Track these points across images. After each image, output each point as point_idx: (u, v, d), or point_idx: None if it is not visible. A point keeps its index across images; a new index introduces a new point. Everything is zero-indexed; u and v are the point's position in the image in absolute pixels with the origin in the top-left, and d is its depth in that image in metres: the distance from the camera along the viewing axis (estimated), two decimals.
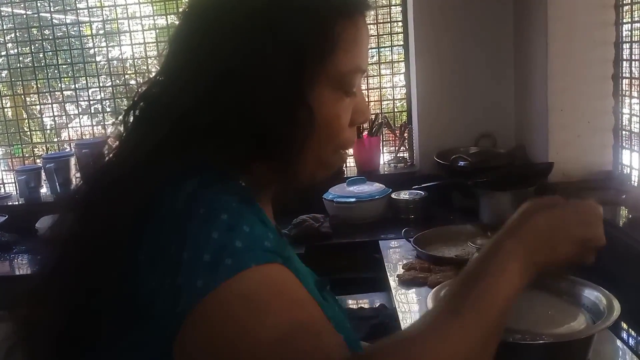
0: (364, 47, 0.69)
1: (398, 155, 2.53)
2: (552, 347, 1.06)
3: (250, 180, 0.65)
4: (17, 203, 2.51)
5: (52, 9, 2.68)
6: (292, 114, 0.63)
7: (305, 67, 0.64)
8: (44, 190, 2.51)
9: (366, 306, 1.77)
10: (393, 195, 2.18)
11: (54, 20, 2.69)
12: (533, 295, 1.26)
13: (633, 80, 1.87)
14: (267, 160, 0.66)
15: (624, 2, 1.87)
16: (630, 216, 1.59)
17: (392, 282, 1.61)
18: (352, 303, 1.83)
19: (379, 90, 2.60)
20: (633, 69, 1.86)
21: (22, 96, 2.77)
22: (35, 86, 2.73)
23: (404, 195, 2.18)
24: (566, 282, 1.26)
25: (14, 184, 2.62)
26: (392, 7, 2.51)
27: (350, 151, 2.54)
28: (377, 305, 1.69)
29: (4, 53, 2.70)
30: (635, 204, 1.59)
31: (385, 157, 2.59)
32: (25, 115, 2.83)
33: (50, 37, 2.66)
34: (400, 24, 2.50)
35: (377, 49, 2.56)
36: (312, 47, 0.64)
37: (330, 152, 0.69)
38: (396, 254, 1.82)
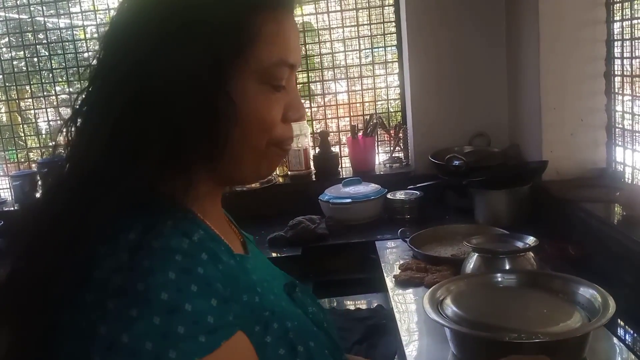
0: (289, 40, 0.68)
1: (393, 155, 2.54)
2: (547, 346, 1.07)
3: (190, 192, 0.64)
4: (12, 209, 2.51)
5: (45, 13, 2.68)
6: (212, 107, 0.62)
7: (222, 59, 0.63)
8: (39, 195, 2.50)
9: (363, 307, 1.78)
10: (389, 196, 2.19)
11: (47, 25, 2.69)
12: (528, 294, 1.27)
13: (625, 78, 1.88)
14: (199, 160, 0.64)
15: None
16: (624, 214, 1.60)
17: (389, 282, 1.61)
18: (349, 304, 1.84)
19: (373, 90, 2.61)
20: (625, 66, 1.88)
21: (17, 101, 2.76)
22: (29, 90, 2.73)
23: (400, 195, 2.18)
24: (561, 280, 1.27)
25: (9, 189, 2.61)
26: (385, 8, 2.52)
27: (345, 151, 2.55)
28: (373, 306, 1.69)
29: None
30: (628, 201, 1.60)
31: (380, 158, 2.60)
32: (20, 120, 2.83)
33: (44, 42, 2.66)
34: (393, 24, 2.51)
35: (370, 49, 2.57)
36: (227, 39, 0.63)
37: (263, 147, 0.68)
38: (392, 255, 1.82)
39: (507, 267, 1.41)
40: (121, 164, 0.60)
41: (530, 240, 1.47)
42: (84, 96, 0.66)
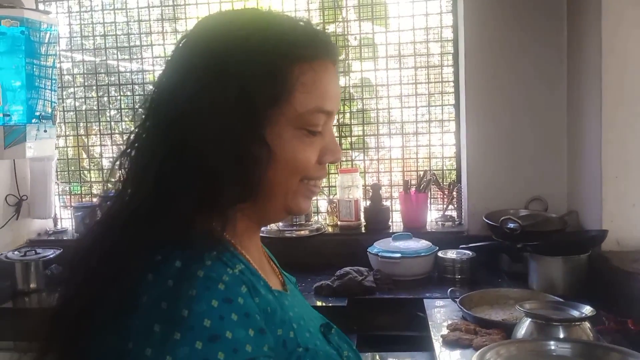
0: (327, 89, 0.72)
1: (446, 213, 2.51)
2: None
3: (229, 229, 0.68)
4: (72, 238, 2.61)
5: (119, 57, 2.84)
6: (248, 152, 0.66)
7: (258, 108, 0.67)
8: (90, 228, 2.59)
9: None
10: (440, 254, 2.16)
11: (120, 68, 2.84)
12: None
13: None
14: (234, 201, 0.68)
15: None
16: None
17: (436, 342, 1.57)
18: None
19: (428, 147, 2.61)
20: None
21: (84, 137, 2.90)
22: (97, 129, 2.86)
23: (451, 254, 2.15)
24: (618, 354, 1.22)
25: (70, 220, 2.72)
26: (444, 68, 2.56)
27: (397, 206, 2.54)
28: None
29: (72, 96, 2.86)
30: None
31: (432, 215, 2.57)
32: (85, 155, 2.96)
33: (116, 83, 2.81)
34: (451, 83, 2.53)
35: (427, 107, 2.60)
36: (263, 89, 0.67)
37: (297, 184, 0.72)
38: (441, 314, 1.78)
39: (561, 335, 1.36)
40: (163, 203, 0.64)
41: (587, 309, 1.42)
42: (132, 138, 0.72)
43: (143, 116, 0.72)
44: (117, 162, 0.71)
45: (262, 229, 0.85)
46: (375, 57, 2.64)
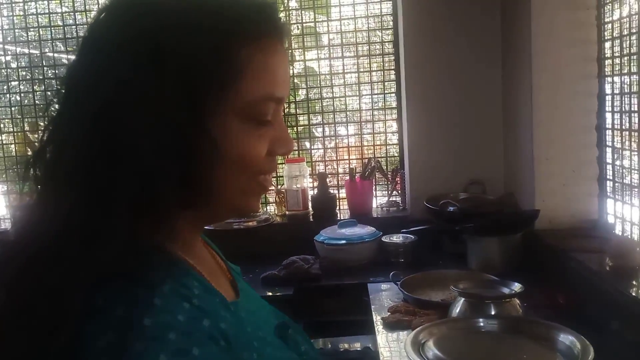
0: (277, 74, 0.63)
1: (390, 199, 2.57)
2: None
3: (176, 240, 0.60)
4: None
5: (57, 49, 2.78)
6: (190, 148, 0.57)
7: (202, 95, 0.57)
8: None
9: (352, 349, 1.78)
10: (383, 239, 2.21)
11: (64, 60, 2.78)
12: (510, 340, 1.28)
13: (615, 131, 1.93)
14: (179, 205, 0.59)
15: (606, 55, 1.95)
16: (613, 265, 1.62)
17: (378, 324, 1.63)
18: (339, 345, 1.84)
19: (372, 135, 2.67)
20: (615, 119, 1.92)
21: (29, 133, 2.84)
22: (41, 124, 2.81)
23: (394, 238, 2.21)
24: (543, 326, 1.29)
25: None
26: (386, 56, 2.60)
27: (343, 194, 2.59)
28: (362, 348, 1.70)
29: (12, 90, 2.79)
30: (616, 252, 1.62)
31: (378, 201, 2.63)
32: (29, 152, 2.90)
33: (61, 76, 2.75)
34: (393, 71, 2.58)
35: (370, 95, 2.65)
36: (208, 73, 0.57)
37: (246, 181, 0.63)
38: (384, 297, 1.84)
39: (493, 312, 1.42)
40: (94, 219, 0.53)
41: (517, 286, 1.49)
42: (47, 137, 0.60)
43: (59, 109, 0.59)
44: (31, 168, 0.59)
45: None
46: (318, 46, 2.67)
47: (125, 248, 0.53)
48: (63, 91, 0.60)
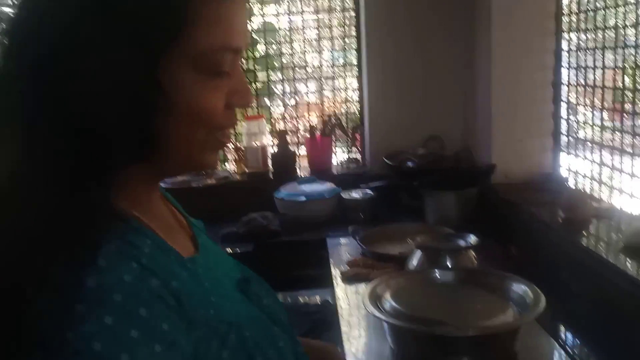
0: (233, 22, 0.59)
1: (350, 156, 2.57)
2: (479, 339, 1.11)
3: (127, 195, 0.58)
4: None
5: (4, 3, 2.63)
6: (141, 100, 0.54)
7: (153, 45, 0.54)
8: None
9: (311, 302, 1.80)
10: (343, 195, 2.22)
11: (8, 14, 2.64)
12: (464, 290, 1.31)
13: (571, 87, 1.96)
14: (130, 160, 0.57)
15: (564, 12, 1.96)
16: (564, 217, 1.66)
17: (336, 278, 1.64)
18: (299, 299, 1.86)
19: (333, 92, 2.64)
20: (570, 76, 1.95)
21: None
22: None
23: (353, 194, 2.22)
24: (496, 277, 1.32)
25: None
26: (346, 12, 2.56)
27: (302, 151, 2.58)
28: (321, 301, 1.72)
29: None
30: (568, 205, 1.67)
31: (338, 158, 2.63)
32: None
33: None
34: (354, 27, 2.54)
35: (331, 52, 2.61)
36: (156, 22, 0.54)
37: (202, 137, 0.61)
38: (343, 252, 1.85)
39: (449, 264, 1.45)
40: (35, 180, 0.51)
41: (472, 239, 1.52)
42: None
43: (1, 62, 0.55)
44: None
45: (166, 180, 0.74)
46: (277, 0, 2.60)
47: (69, 206, 0.51)
48: (5, 42, 0.56)
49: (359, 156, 2.58)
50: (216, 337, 0.56)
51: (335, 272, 1.67)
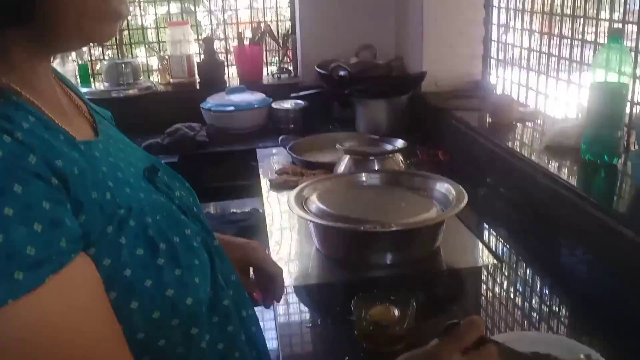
0: None
1: (281, 65, 2.48)
2: (402, 234, 1.11)
3: (8, 66, 0.53)
4: None
5: None
6: None
7: None
8: None
9: (240, 211, 1.78)
10: (273, 105, 2.16)
11: None
12: (390, 191, 1.31)
13: None
14: (4, 21, 0.51)
15: None
16: (490, 121, 1.67)
17: (265, 186, 1.61)
18: (226, 209, 1.83)
19: None
20: None
21: None
22: None
23: (284, 104, 2.16)
24: (420, 177, 1.32)
25: None
26: None
27: (231, 60, 2.47)
28: (249, 210, 1.69)
29: None
30: (494, 109, 1.67)
31: (269, 68, 2.54)
32: None
33: None
34: None
35: None
36: None
37: (93, 2, 0.55)
38: (273, 162, 1.82)
39: (377, 168, 1.44)
40: None
41: (400, 143, 1.51)
42: None
43: None
44: None
45: (85, 90, 0.68)
46: None
47: None
48: None
49: (290, 66, 2.50)
50: (112, 222, 0.53)
51: (265, 181, 1.64)
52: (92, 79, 2.41)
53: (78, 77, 2.35)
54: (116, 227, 0.52)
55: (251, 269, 0.92)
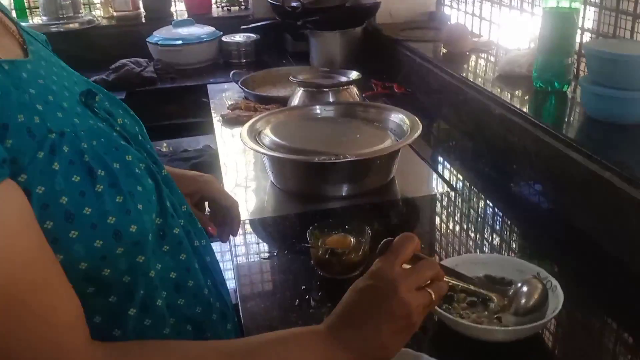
0: None
1: None
2: (357, 165, 1.11)
3: None
4: None
5: None
6: None
7: None
8: None
9: (191, 149, 1.74)
10: (224, 39, 2.08)
11: None
12: (345, 123, 1.29)
13: None
14: None
15: None
16: (445, 51, 1.66)
17: (217, 123, 1.57)
18: (178, 147, 1.79)
19: None
20: None
21: None
22: None
23: (236, 38, 2.09)
24: (374, 109, 1.31)
25: None
26: None
27: None
28: (201, 147, 1.66)
29: None
30: (449, 39, 1.66)
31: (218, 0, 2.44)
32: None
33: None
34: None
35: None
36: None
37: None
38: (225, 98, 1.77)
39: (331, 100, 1.42)
40: None
41: (354, 74, 1.49)
42: None
43: None
44: None
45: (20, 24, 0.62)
46: None
47: None
48: None
49: None
50: (43, 147, 0.49)
51: (216, 118, 1.60)
52: (28, 13, 2.27)
53: (14, 11, 2.21)
54: (48, 152, 0.49)
55: (207, 204, 0.90)
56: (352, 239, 0.88)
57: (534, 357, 0.70)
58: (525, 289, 0.73)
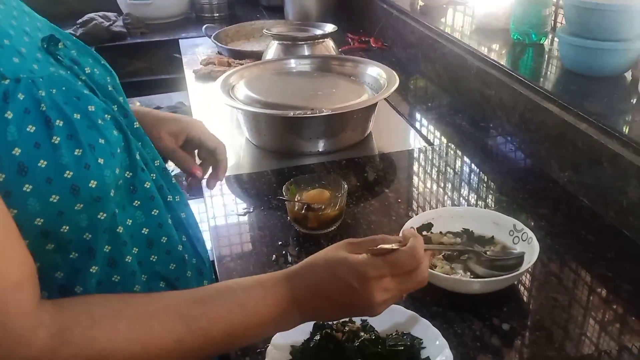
0: None
1: None
2: (333, 120, 1.09)
3: None
4: None
5: None
6: None
7: None
8: None
9: (163, 106, 1.70)
10: None
11: None
12: (321, 77, 1.27)
13: None
14: None
15: None
16: (422, 4, 1.63)
17: (190, 79, 1.53)
18: (150, 104, 1.74)
19: None
20: None
21: None
22: None
23: None
24: (351, 62, 1.29)
25: None
26: None
27: None
28: (174, 104, 1.62)
29: None
30: None
31: None
32: None
33: None
34: None
35: None
36: None
37: None
38: (197, 53, 1.72)
39: (306, 53, 1.39)
40: None
41: (329, 27, 1.45)
42: None
43: None
44: None
45: None
46: None
47: None
48: None
49: None
50: None
51: (189, 73, 1.55)
52: None
53: None
54: (0, 99, 0.46)
55: (196, 152, 0.87)
56: (328, 194, 0.87)
57: (510, 308, 0.71)
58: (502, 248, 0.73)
